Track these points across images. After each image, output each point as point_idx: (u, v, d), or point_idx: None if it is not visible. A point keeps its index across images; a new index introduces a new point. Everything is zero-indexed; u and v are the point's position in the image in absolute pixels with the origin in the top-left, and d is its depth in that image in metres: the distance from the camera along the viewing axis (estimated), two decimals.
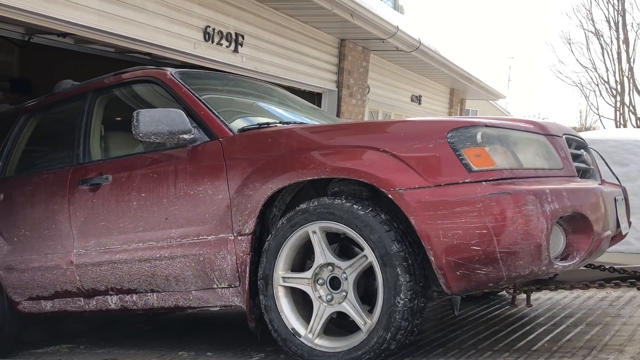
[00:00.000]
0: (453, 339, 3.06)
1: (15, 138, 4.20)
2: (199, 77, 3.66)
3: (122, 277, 3.35)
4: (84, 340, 4.26)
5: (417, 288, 2.53)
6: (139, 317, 4.89)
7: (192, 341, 3.66)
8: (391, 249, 2.53)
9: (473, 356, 2.71)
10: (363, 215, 2.61)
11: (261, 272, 2.84)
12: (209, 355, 3.25)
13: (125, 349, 3.76)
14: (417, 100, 12.64)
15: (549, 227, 2.41)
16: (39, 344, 4.31)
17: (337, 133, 2.86)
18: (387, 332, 2.50)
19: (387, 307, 2.51)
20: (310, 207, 2.75)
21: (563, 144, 2.80)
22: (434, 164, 2.51)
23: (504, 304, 3.80)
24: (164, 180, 3.16)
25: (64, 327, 5.01)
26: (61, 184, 3.64)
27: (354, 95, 9.47)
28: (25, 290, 3.84)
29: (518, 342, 2.90)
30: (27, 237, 3.79)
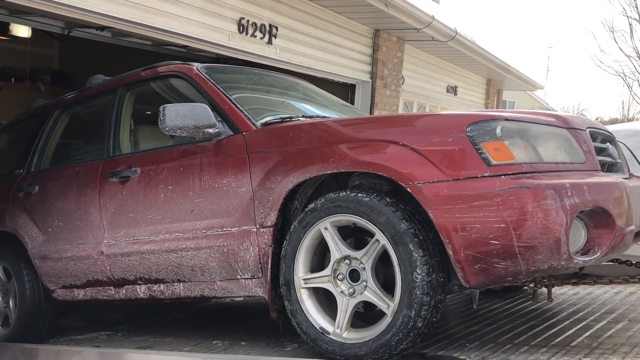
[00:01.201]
0: (488, 332, 3.03)
1: (49, 132, 4.34)
2: (224, 72, 3.72)
3: (150, 267, 3.44)
4: (122, 327, 4.38)
5: (433, 262, 2.53)
6: (175, 306, 4.99)
7: (227, 330, 3.70)
8: (400, 228, 2.54)
9: (509, 350, 2.68)
10: (368, 201, 2.64)
11: (282, 278, 2.88)
12: (243, 345, 3.30)
13: (161, 336, 3.83)
14: (453, 91, 12.50)
15: (569, 222, 2.39)
16: (79, 330, 4.45)
17: (357, 127, 2.88)
18: (411, 309, 2.50)
19: (406, 285, 2.51)
20: (318, 205, 2.79)
21: (586, 138, 2.76)
22: (453, 157, 2.51)
23: (524, 300, 3.76)
24: (190, 173, 3.23)
25: (104, 315, 5.14)
26: (92, 176, 3.75)
27: (388, 86, 9.41)
28: (59, 279, 3.97)
29: (555, 338, 2.85)
30: (60, 228, 3.91)
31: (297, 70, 7.38)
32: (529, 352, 2.61)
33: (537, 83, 15.39)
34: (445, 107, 12.24)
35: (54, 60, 10.34)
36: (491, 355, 2.59)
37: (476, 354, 2.61)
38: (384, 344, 2.56)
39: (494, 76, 13.64)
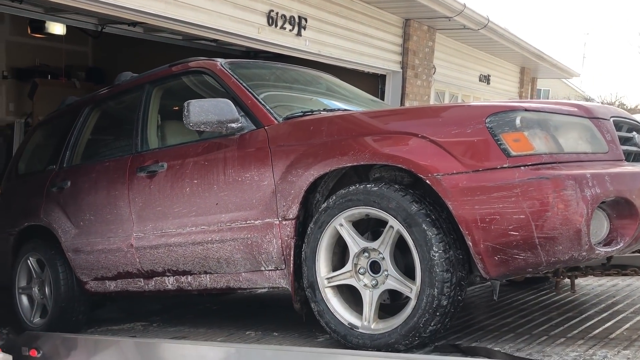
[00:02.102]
0: (523, 324, 2.99)
1: (80, 128, 4.45)
2: (248, 67, 3.75)
3: (177, 259, 3.51)
4: (157, 318, 4.45)
5: (448, 239, 2.53)
6: (209, 298, 5.06)
7: (259, 321, 3.73)
8: (411, 210, 2.56)
9: (545, 342, 2.64)
10: (377, 190, 2.67)
11: (306, 281, 2.91)
12: (275, 335, 3.33)
13: (195, 327, 3.88)
14: (486, 80, 12.33)
15: (589, 212, 2.37)
16: (116, 321, 4.55)
17: (377, 119, 2.88)
18: (433, 288, 2.50)
19: (425, 264, 2.52)
20: (330, 203, 2.83)
21: (610, 127, 2.72)
22: (472, 149, 2.50)
23: (566, 290, 3.70)
24: (214, 168, 3.28)
25: (139, 307, 5.27)
26: (121, 171, 3.83)
27: (419, 76, 9.33)
28: (91, 271, 4.08)
29: (593, 330, 2.81)
30: (91, 222, 4.02)
31: (327, 61, 7.37)
32: (565, 345, 2.56)
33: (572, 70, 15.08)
34: (478, 96, 12.09)
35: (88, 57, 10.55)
36: (526, 347, 2.56)
37: (510, 346, 2.58)
38: (412, 328, 2.56)
39: (528, 64, 13.41)
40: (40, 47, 9.48)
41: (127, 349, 3.43)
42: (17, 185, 4.81)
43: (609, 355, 2.36)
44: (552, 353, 2.43)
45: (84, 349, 3.69)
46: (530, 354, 2.44)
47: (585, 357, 2.34)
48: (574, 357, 2.36)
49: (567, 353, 2.42)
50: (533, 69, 14.11)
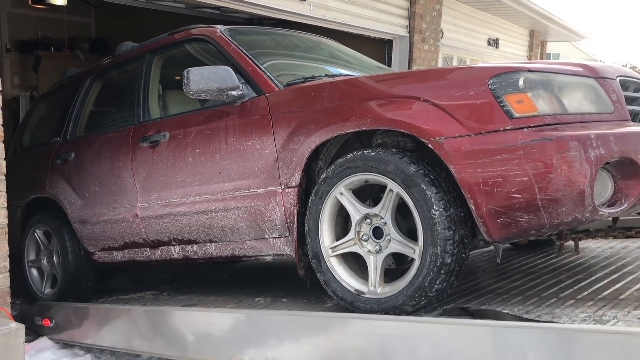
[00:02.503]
0: (532, 287, 2.96)
1: (82, 100, 4.44)
2: (248, 34, 3.70)
3: (182, 229, 3.53)
4: (167, 287, 4.49)
5: (448, 198, 2.52)
6: (218, 267, 5.11)
7: (269, 288, 3.76)
8: (409, 171, 2.56)
9: (554, 304, 2.62)
10: (374, 155, 2.66)
11: (310, 253, 2.91)
12: (284, 301, 3.35)
13: (205, 295, 3.91)
14: (494, 44, 12.15)
15: (593, 174, 2.34)
16: (126, 291, 4.61)
17: (378, 84, 2.84)
18: (436, 246, 2.50)
19: (426, 224, 2.51)
20: (329, 173, 2.82)
21: (616, 87, 2.67)
22: (475, 111, 2.47)
23: (573, 253, 3.66)
24: (216, 136, 3.27)
25: (150, 276, 5.32)
26: (124, 142, 3.83)
27: (426, 40, 9.19)
28: (98, 242, 4.12)
29: (603, 291, 2.77)
30: (96, 193, 4.03)
31: (332, 27, 7.25)
32: (574, 306, 2.55)
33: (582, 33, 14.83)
34: (487, 60, 11.94)
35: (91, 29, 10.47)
36: (535, 309, 2.55)
37: (519, 308, 2.57)
38: (418, 288, 2.55)
39: (537, 27, 13.18)
40: (42, 19, 9.41)
41: (138, 317, 3.48)
42: (22, 158, 4.82)
43: (619, 315, 2.34)
44: (561, 314, 2.42)
45: (95, 318, 3.76)
46: (540, 315, 2.43)
47: (595, 318, 2.33)
48: (583, 318, 2.35)
49: (576, 314, 2.41)
50: (542, 32, 13.88)
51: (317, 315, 2.80)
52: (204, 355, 3.15)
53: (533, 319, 2.39)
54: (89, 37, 10.37)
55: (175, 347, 3.26)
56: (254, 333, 2.91)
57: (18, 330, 3.12)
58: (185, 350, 3.21)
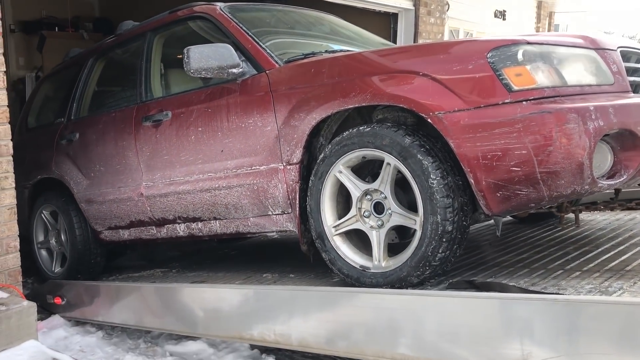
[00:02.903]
0: (538, 260, 2.97)
1: (85, 80, 4.45)
2: (248, 11, 3.69)
3: (187, 207, 3.56)
4: (176, 265, 4.53)
5: (445, 166, 2.54)
6: (227, 244, 5.16)
7: (276, 264, 3.78)
8: (405, 143, 2.58)
9: (560, 276, 2.63)
10: (369, 130, 2.69)
11: (314, 233, 2.93)
12: (292, 277, 3.37)
13: (214, 272, 3.94)
14: (501, 16, 11.98)
15: (592, 146, 2.34)
16: (136, 269, 4.66)
17: (377, 59, 2.83)
18: (436, 214, 2.51)
19: (425, 193, 2.53)
20: (327, 152, 2.84)
21: (616, 58, 2.65)
22: (474, 85, 2.46)
23: (575, 227, 3.66)
24: (218, 114, 3.28)
25: (159, 254, 5.39)
26: (127, 121, 3.85)
27: (432, 13, 9.08)
28: (104, 221, 4.16)
29: (609, 263, 2.77)
30: (102, 172, 4.07)
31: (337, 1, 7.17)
32: (580, 278, 2.56)
33: None
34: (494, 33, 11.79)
35: (95, 8, 10.43)
36: (541, 281, 2.56)
37: (525, 281, 2.58)
38: (421, 258, 2.57)
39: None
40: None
41: (148, 294, 3.53)
42: (27, 139, 4.86)
43: (625, 286, 2.35)
44: (567, 286, 2.43)
45: (106, 296, 3.82)
46: (545, 287, 2.44)
47: (601, 289, 2.34)
48: (589, 290, 2.36)
49: (582, 286, 2.41)
50: (550, 3, 13.69)
51: (324, 290, 2.83)
52: (214, 331, 3.21)
53: (539, 290, 2.40)
54: (92, 16, 10.33)
55: (185, 323, 3.31)
56: (262, 308, 2.94)
57: (30, 308, 3.18)
58: (195, 326, 3.26)
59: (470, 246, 3.44)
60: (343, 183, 2.83)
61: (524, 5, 12.96)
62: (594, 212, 3.95)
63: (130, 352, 3.59)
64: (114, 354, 3.59)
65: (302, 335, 2.79)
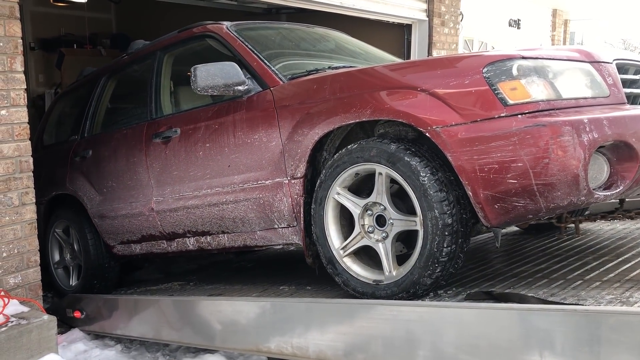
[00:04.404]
0: (557, 270, 2.95)
1: (98, 98, 4.57)
2: (254, 29, 3.77)
3: (196, 221, 3.64)
4: (193, 277, 4.58)
5: (434, 164, 2.60)
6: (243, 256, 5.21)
7: (293, 276, 3.80)
8: (391, 149, 2.67)
9: (580, 287, 2.61)
10: (357, 146, 2.81)
11: (324, 259, 2.98)
12: (308, 289, 3.39)
13: (230, 284, 3.97)
14: (516, 25, 11.98)
15: (587, 157, 2.37)
16: (154, 282, 4.72)
17: (377, 75, 2.88)
18: (433, 210, 2.55)
19: (418, 191, 2.59)
20: (322, 177, 2.94)
21: (612, 70, 2.69)
22: (470, 100, 2.51)
23: (595, 236, 3.65)
24: (225, 131, 3.36)
25: (177, 267, 5.44)
26: (138, 138, 3.95)
27: (446, 24, 9.09)
28: (117, 236, 4.26)
29: (630, 273, 2.74)
30: (114, 188, 4.17)
31: (350, 13, 7.18)
32: (600, 288, 2.53)
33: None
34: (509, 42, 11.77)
35: (112, 24, 10.62)
36: (561, 292, 2.55)
37: (544, 291, 2.57)
38: (429, 256, 2.60)
39: (560, 4, 12.96)
40: (64, 17, 9.57)
41: (166, 308, 3.57)
42: (43, 156, 4.97)
43: None
44: (587, 297, 2.41)
45: (124, 309, 3.86)
46: (565, 298, 2.42)
47: (622, 300, 2.32)
48: (609, 300, 2.34)
49: (602, 296, 2.39)
50: (565, 11, 13.64)
51: (340, 303, 2.82)
52: (231, 344, 3.23)
53: (558, 301, 2.37)
54: (110, 32, 10.52)
55: (202, 336, 3.34)
56: (279, 321, 2.96)
57: (50, 322, 3.25)
58: (213, 339, 3.29)
59: (488, 257, 3.45)
60: (343, 204, 2.90)
61: (539, 14, 12.93)
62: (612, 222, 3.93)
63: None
64: None
65: (319, 348, 2.81)
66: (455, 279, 2.98)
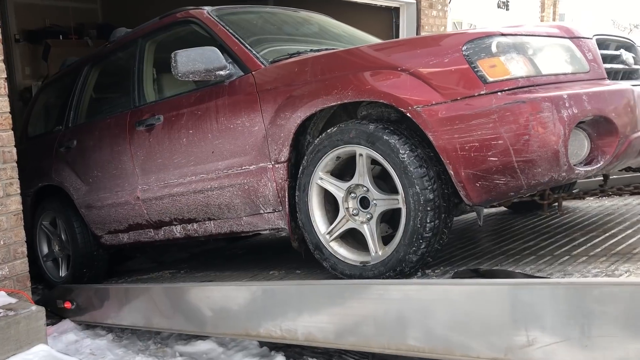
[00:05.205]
0: (545, 247, 2.97)
1: (81, 88, 4.54)
2: (235, 13, 3.75)
3: (182, 208, 3.63)
4: (184, 266, 4.59)
5: (413, 141, 2.60)
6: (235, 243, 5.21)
7: (283, 261, 3.81)
8: (369, 129, 2.69)
9: (567, 262, 2.63)
10: (336, 129, 2.82)
11: (311, 245, 2.98)
12: (298, 273, 3.39)
13: (221, 271, 3.98)
14: (505, 6, 11.99)
15: (567, 133, 2.38)
16: (145, 271, 4.72)
17: (356, 56, 2.86)
18: (414, 186, 2.56)
19: (398, 168, 2.60)
20: (304, 163, 2.94)
21: (592, 46, 2.68)
22: (450, 78, 2.50)
23: (583, 213, 3.67)
24: (207, 116, 3.34)
25: (168, 256, 5.45)
26: (122, 127, 3.93)
27: (434, 6, 9.04)
28: (104, 225, 4.25)
29: (616, 247, 2.77)
30: (99, 178, 4.15)
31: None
32: (587, 262, 2.56)
33: None
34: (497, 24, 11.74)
35: (97, 14, 10.52)
36: (547, 268, 2.57)
37: (531, 267, 2.59)
38: (412, 232, 2.60)
39: None
40: (48, 8, 9.48)
41: (157, 295, 3.58)
42: (28, 148, 4.95)
43: (632, 269, 2.35)
44: (573, 271, 2.43)
45: (115, 298, 3.87)
46: (552, 273, 2.44)
47: (607, 273, 2.34)
48: (595, 274, 2.36)
49: (588, 270, 2.42)
50: None
51: (330, 284, 2.83)
52: (222, 329, 3.24)
53: (544, 276, 2.40)
54: (96, 22, 10.43)
55: (193, 322, 3.35)
56: (269, 305, 2.97)
57: (39, 313, 3.25)
58: (204, 326, 3.30)
59: (476, 236, 3.46)
60: (326, 189, 2.90)
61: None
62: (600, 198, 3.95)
63: (140, 353, 3.65)
64: (124, 356, 3.64)
65: (308, 330, 2.82)
66: (443, 258, 3.00)
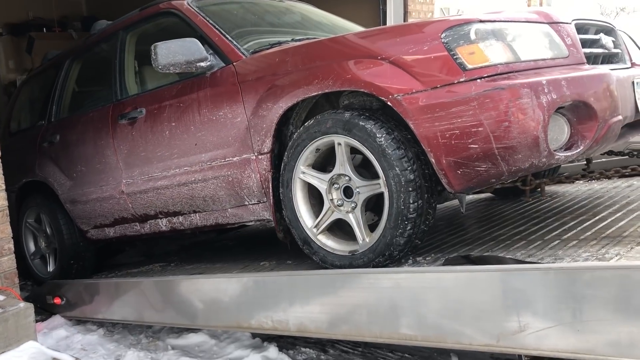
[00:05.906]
0: (535, 232, 2.97)
1: (63, 82, 4.51)
2: (215, 4, 3.72)
3: (166, 202, 3.62)
4: (175, 259, 4.57)
5: (389, 125, 2.61)
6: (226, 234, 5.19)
7: (274, 252, 3.80)
8: (345, 117, 2.70)
9: (557, 246, 2.63)
10: (313, 121, 2.83)
11: (299, 241, 2.97)
12: (289, 264, 3.38)
13: (212, 263, 3.97)
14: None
15: (546, 119, 2.38)
16: (135, 265, 4.70)
17: (337, 45, 2.85)
18: (393, 168, 2.56)
19: (377, 152, 2.60)
20: (285, 159, 2.93)
21: (570, 31, 2.68)
22: (429, 66, 2.50)
23: (573, 197, 3.67)
24: (189, 109, 3.33)
25: (158, 249, 5.44)
26: (104, 120, 3.90)
27: None
28: (89, 220, 4.23)
29: (606, 230, 2.77)
30: (83, 172, 4.13)
31: None
32: (577, 246, 2.56)
33: None
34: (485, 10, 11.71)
35: (82, 6, 10.43)
36: (538, 252, 2.57)
37: (522, 253, 2.59)
38: (397, 214, 2.59)
39: None
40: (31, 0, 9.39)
41: (147, 289, 3.57)
42: (11, 144, 4.92)
43: (622, 252, 2.36)
44: (564, 256, 2.44)
45: (105, 293, 3.86)
46: (542, 258, 2.45)
47: (598, 256, 2.34)
48: (585, 258, 2.36)
49: (579, 254, 2.42)
50: None
51: (321, 274, 2.82)
52: (213, 322, 3.24)
53: (535, 261, 2.40)
54: (80, 15, 10.33)
55: (184, 315, 3.34)
56: (260, 296, 2.97)
57: (27, 309, 3.23)
58: (195, 318, 3.29)
59: (466, 223, 3.47)
60: (309, 182, 2.89)
61: None
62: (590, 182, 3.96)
63: (132, 347, 3.65)
64: (116, 351, 3.64)
65: (299, 321, 2.82)
66: (433, 245, 3.01)
